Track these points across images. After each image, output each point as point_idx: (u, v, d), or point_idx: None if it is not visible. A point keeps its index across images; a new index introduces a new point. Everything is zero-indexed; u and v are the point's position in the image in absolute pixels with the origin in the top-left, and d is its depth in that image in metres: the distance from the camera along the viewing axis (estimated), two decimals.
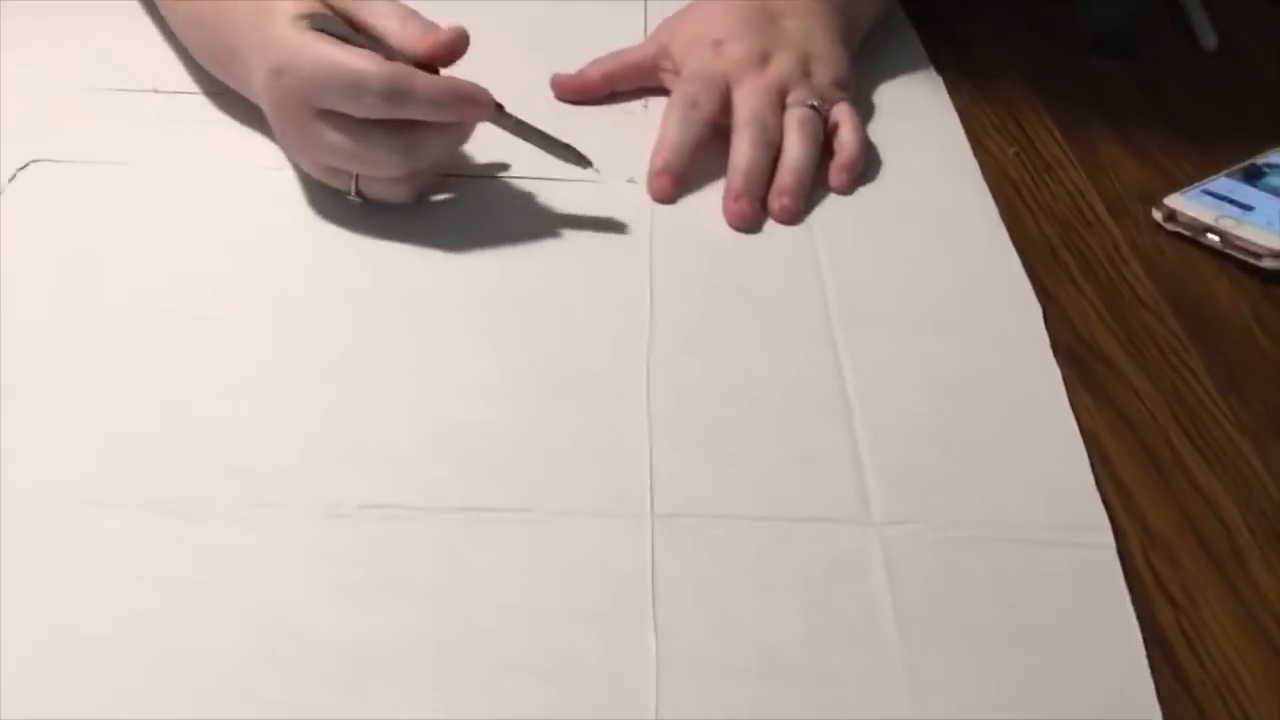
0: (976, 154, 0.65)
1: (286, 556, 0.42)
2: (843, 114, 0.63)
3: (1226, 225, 0.59)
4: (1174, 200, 0.61)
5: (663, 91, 0.65)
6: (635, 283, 0.55)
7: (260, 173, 0.59)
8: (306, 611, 0.40)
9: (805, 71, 0.63)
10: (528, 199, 0.59)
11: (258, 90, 0.55)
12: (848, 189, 0.61)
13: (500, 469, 0.46)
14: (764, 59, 0.63)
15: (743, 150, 0.60)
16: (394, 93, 0.51)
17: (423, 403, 0.48)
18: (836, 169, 0.61)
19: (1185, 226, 0.60)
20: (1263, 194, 0.61)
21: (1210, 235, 0.59)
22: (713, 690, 0.39)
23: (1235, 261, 0.59)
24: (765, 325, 0.53)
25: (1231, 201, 0.61)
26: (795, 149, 0.60)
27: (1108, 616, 0.42)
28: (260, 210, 0.57)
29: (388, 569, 0.42)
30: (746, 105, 0.61)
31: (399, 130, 0.53)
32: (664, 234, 0.58)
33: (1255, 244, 0.58)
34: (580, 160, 0.57)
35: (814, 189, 0.61)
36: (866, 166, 0.63)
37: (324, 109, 0.52)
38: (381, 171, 0.54)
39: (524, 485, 0.45)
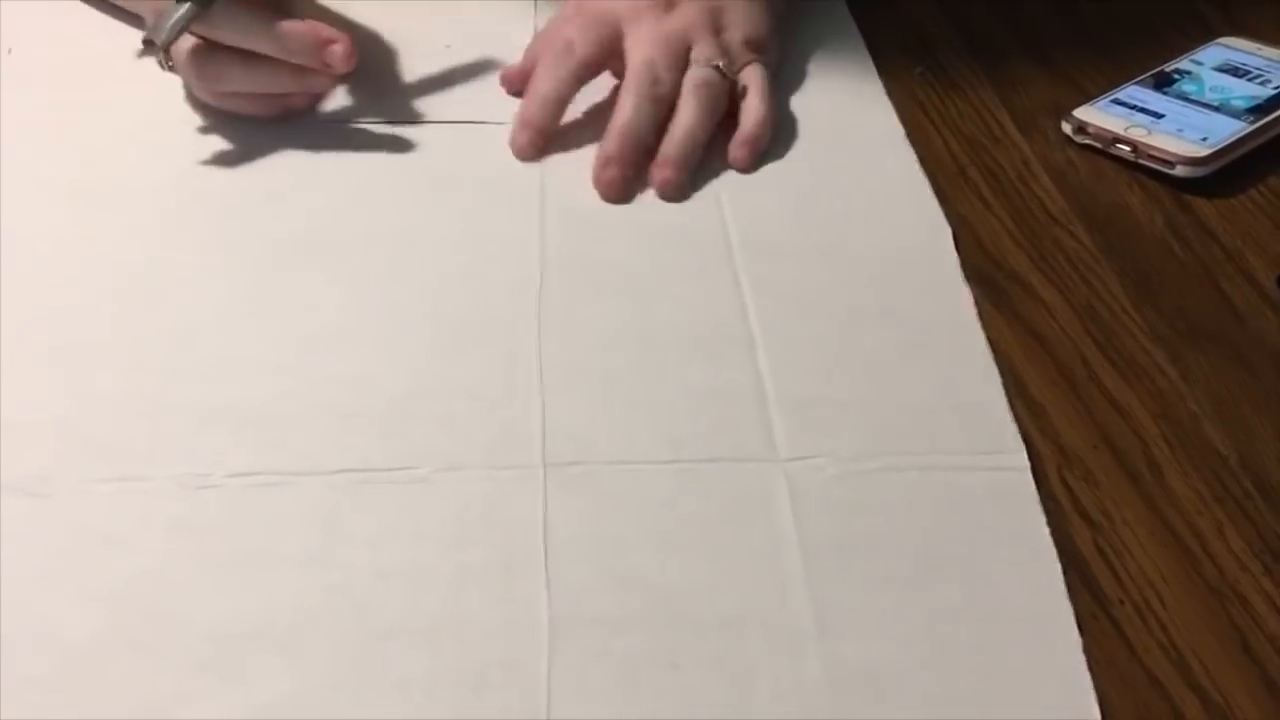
0: (881, 74, 0.62)
1: (144, 532, 0.39)
2: (753, 79, 0.55)
3: (1137, 134, 0.57)
4: (1083, 112, 0.59)
5: None
6: (524, 223, 0.52)
7: (119, 126, 0.56)
8: (165, 590, 0.38)
9: (715, 26, 0.55)
10: (409, 144, 0.56)
11: None
12: (749, 166, 0.53)
13: (380, 425, 0.43)
14: (668, 3, 0.55)
15: (625, 106, 0.52)
16: None
17: (296, 359, 0.45)
18: (738, 142, 0.54)
19: (1095, 138, 0.58)
20: (1173, 101, 0.60)
21: (1121, 145, 0.57)
22: (610, 646, 0.37)
23: (1147, 171, 0.57)
24: (663, 261, 0.51)
25: (1142, 110, 0.59)
26: (686, 113, 0.52)
27: (1022, 541, 0.41)
28: (116, 163, 0.54)
29: (255, 540, 0.39)
30: (638, 52, 0.53)
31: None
32: (555, 173, 0.55)
33: (1166, 152, 0.56)
34: None
35: (711, 162, 0.55)
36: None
37: None
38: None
39: (406, 442, 0.43)
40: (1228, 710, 0.36)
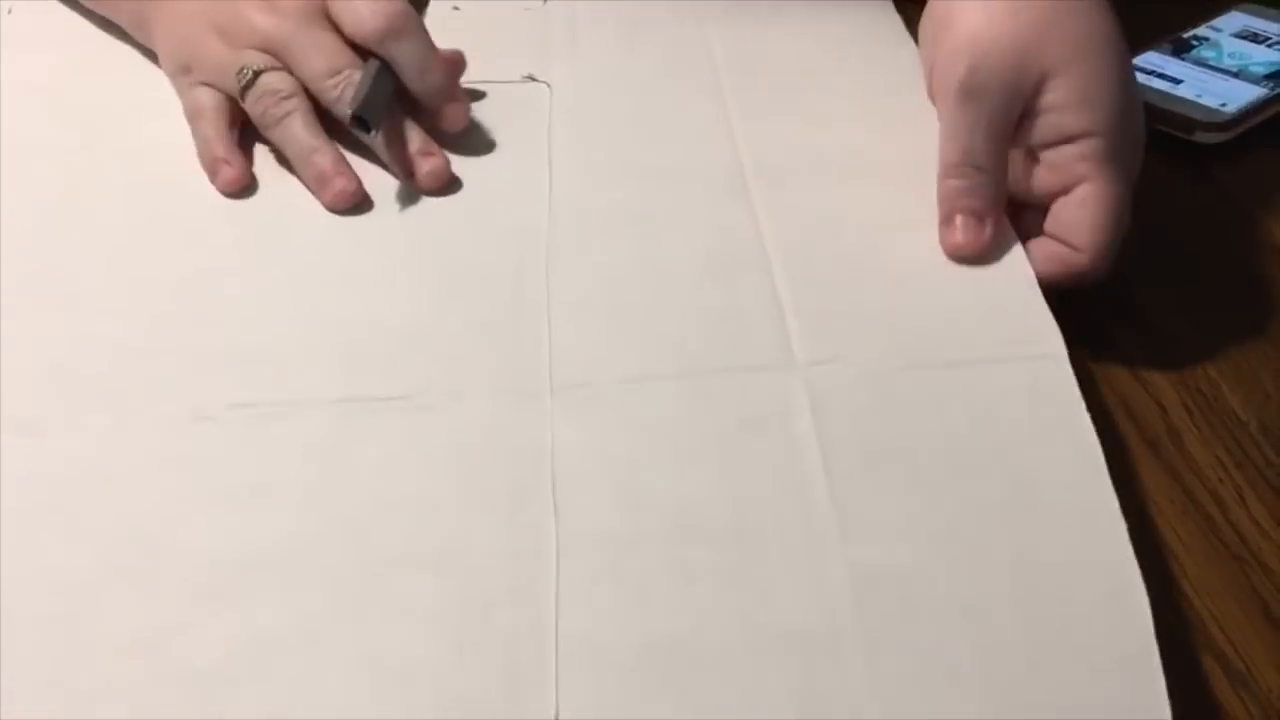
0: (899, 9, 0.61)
1: (141, 466, 0.37)
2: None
3: (1155, 100, 0.56)
4: None
5: None
6: (533, 167, 0.50)
7: (120, 84, 0.54)
8: (163, 522, 0.36)
9: None
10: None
11: None
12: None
13: (385, 358, 0.41)
14: None
15: None
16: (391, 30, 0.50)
17: (299, 300, 0.44)
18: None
19: None
20: (1191, 67, 0.59)
21: None
22: (620, 563, 0.35)
23: (1166, 137, 0.56)
24: (676, 196, 0.49)
25: (1160, 75, 0.58)
26: None
27: (1061, 432, 0.38)
28: (116, 120, 0.52)
29: (255, 471, 0.37)
30: None
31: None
32: (564, 124, 0.53)
33: (1185, 118, 0.55)
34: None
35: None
36: (783, 21, 0.58)
37: None
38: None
39: (410, 372, 0.41)
40: (1249, 676, 0.35)
